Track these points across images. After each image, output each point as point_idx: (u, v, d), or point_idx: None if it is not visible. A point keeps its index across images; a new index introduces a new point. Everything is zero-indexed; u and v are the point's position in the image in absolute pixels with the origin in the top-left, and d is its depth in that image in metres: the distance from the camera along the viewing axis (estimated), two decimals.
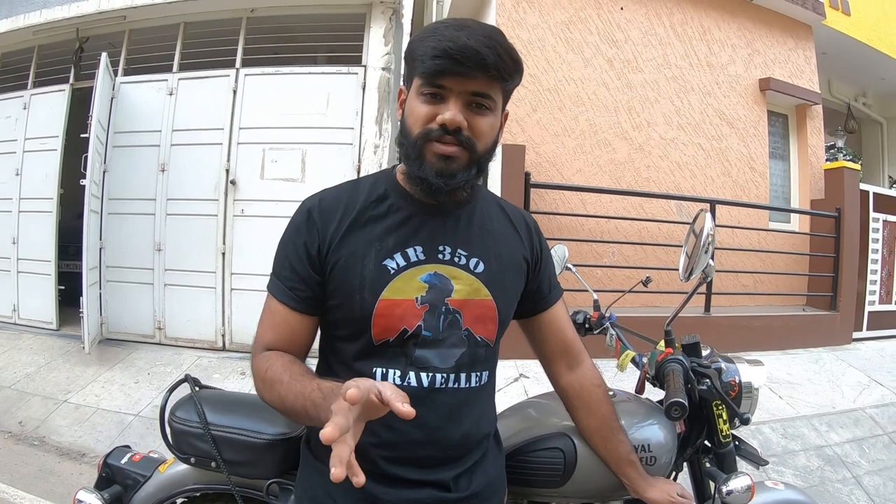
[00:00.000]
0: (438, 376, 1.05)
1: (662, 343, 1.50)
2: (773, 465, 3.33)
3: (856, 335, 5.72)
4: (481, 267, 1.10)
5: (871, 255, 5.98)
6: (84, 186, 4.48)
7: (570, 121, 5.18)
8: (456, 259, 1.08)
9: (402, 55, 1.09)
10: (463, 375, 1.08)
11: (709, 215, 1.41)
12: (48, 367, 4.48)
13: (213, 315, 4.80)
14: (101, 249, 4.91)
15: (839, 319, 5.56)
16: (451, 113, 0.98)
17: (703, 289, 4.96)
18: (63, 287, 5.26)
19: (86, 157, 4.51)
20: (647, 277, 1.64)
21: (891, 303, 6.20)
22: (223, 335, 4.80)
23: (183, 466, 1.50)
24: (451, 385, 1.06)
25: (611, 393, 1.47)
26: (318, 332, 1.15)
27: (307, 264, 1.05)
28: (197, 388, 1.52)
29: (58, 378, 4.32)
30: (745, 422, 1.41)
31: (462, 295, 1.07)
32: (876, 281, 6.07)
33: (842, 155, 6.63)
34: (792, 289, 5.94)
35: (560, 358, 1.27)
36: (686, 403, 1.25)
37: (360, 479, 0.73)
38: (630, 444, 1.25)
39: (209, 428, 1.38)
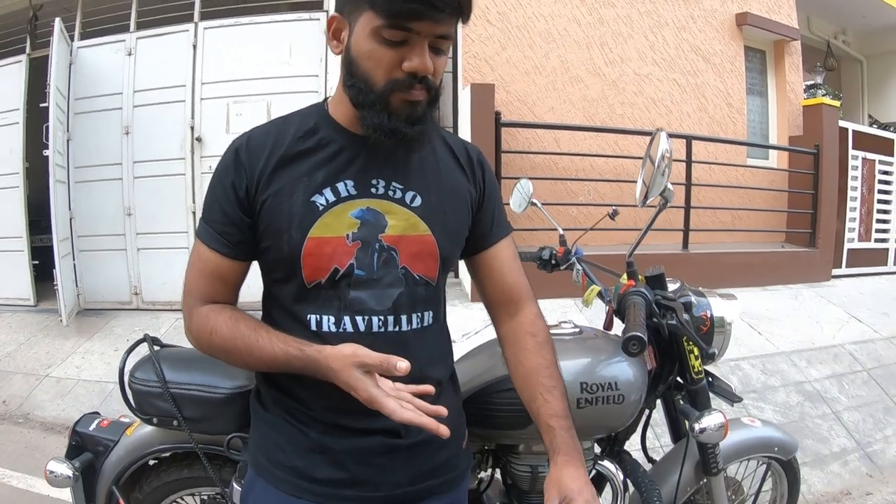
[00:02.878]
0: (375, 319, 1.00)
1: (625, 276, 1.46)
2: (753, 401, 3.37)
3: (835, 272, 5.78)
4: (419, 201, 1.04)
5: (850, 193, 6.01)
6: (48, 157, 4.35)
7: (540, 58, 5.10)
8: (390, 193, 1.02)
9: None
10: (403, 317, 1.03)
11: (664, 134, 1.34)
12: (28, 344, 4.45)
13: None
14: (71, 219, 4.84)
15: (818, 256, 5.61)
16: (421, 61, 0.91)
17: (680, 224, 4.99)
18: (37, 262, 5.18)
19: (47, 127, 4.38)
20: (614, 209, 1.58)
21: (870, 240, 6.26)
22: None
23: (148, 428, 1.49)
24: (390, 328, 1.02)
25: (577, 330, 1.44)
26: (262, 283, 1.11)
27: (237, 206, 0.99)
28: (157, 348, 1.49)
29: (38, 354, 4.30)
30: (711, 357, 1.38)
31: (397, 231, 1.01)
32: (855, 218, 6.11)
33: (821, 92, 6.57)
34: (771, 225, 5.97)
35: (500, 303, 1.17)
36: (644, 337, 1.20)
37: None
38: (557, 408, 1.06)
39: (168, 386, 1.37)
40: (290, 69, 4.61)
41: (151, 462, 1.55)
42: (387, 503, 1.06)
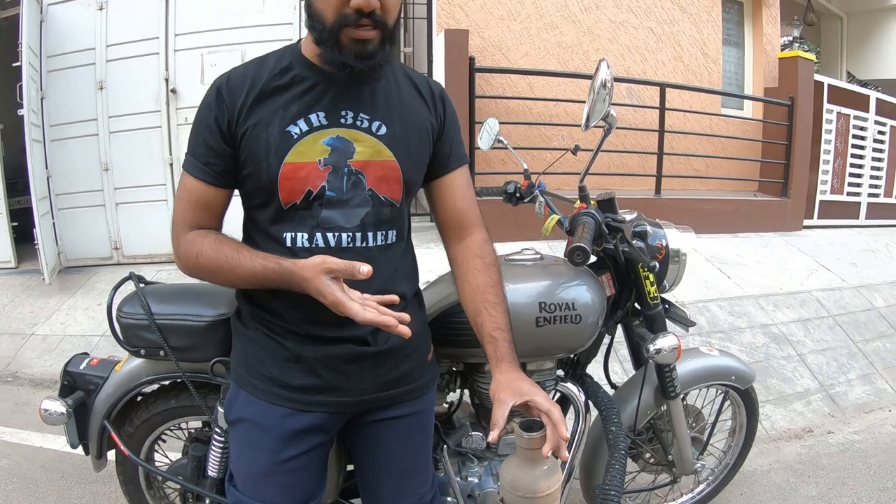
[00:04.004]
0: (344, 235, 1.10)
1: (578, 201, 1.55)
2: (720, 341, 3.48)
3: (807, 223, 5.90)
4: (384, 130, 1.12)
5: (824, 146, 6.08)
6: (22, 117, 4.31)
7: (515, 4, 5.11)
8: (358, 123, 1.10)
9: None
10: (370, 234, 1.12)
11: (604, 64, 1.41)
12: (12, 305, 4.44)
13: (167, 227, 4.70)
14: (48, 178, 4.78)
15: (790, 206, 5.71)
16: None
17: (653, 170, 5.09)
18: (16, 224, 5.13)
19: (20, 87, 4.32)
20: (576, 146, 1.66)
21: (843, 193, 6.35)
22: None
23: (136, 362, 1.56)
24: (358, 244, 1.11)
25: (538, 256, 1.53)
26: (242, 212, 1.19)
27: (220, 138, 1.08)
28: (142, 285, 1.55)
29: (23, 314, 4.31)
30: (652, 269, 1.48)
31: (364, 156, 1.10)
32: (828, 171, 6.19)
33: (797, 45, 6.58)
34: (744, 175, 6.07)
35: (451, 227, 1.27)
36: (588, 249, 1.29)
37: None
38: (500, 321, 1.16)
39: (154, 318, 1.43)
40: (263, 17, 4.56)
41: (139, 399, 1.62)
42: (356, 407, 1.18)
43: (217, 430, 1.44)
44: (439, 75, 4.59)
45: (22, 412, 3.20)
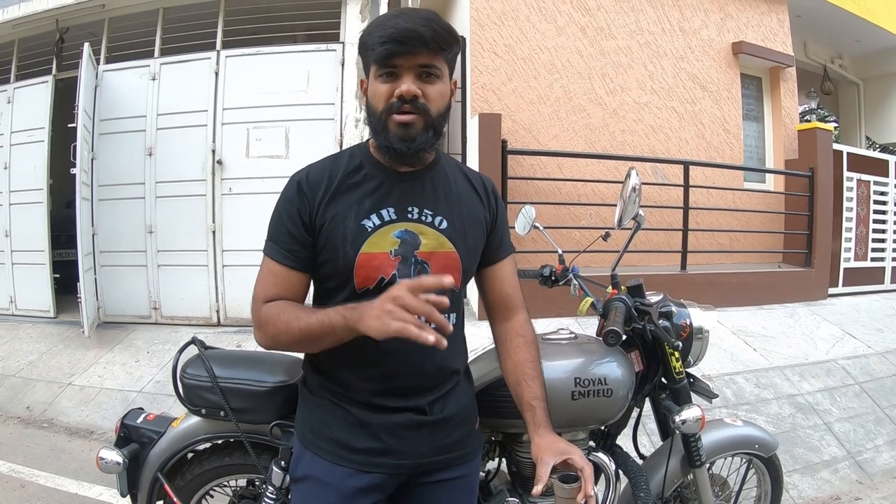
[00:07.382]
0: None
1: (610, 287, 1.68)
2: (746, 412, 3.48)
3: (832, 291, 5.87)
4: (445, 224, 1.27)
5: (845, 214, 6.11)
6: (74, 175, 4.56)
7: (544, 88, 5.32)
8: (423, 218, 1.26)
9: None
10: None
11: (634, 172, 1.62)
12: (50, 354, 4.58)
13: (206, 292, 4.93)
14: (93, 235, 5.00)
15: (814, 275, 5.71)
16: (405, 85, 1.14)
17: (678, 246, 5.18)
18: (57, 275, 5.34)
19: (75, 147, 4.59)
20: (607, 232, 1.80)
21: (866, 259, 6.35)
22: (217, 311, 4.94)
23: (194, 420, 1.66)
24: None
25: (573, 336, 1.65)
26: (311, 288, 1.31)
27: (302, 228, 1.23)
28: (204, 349, 1.67)
29: (60, 363, 4.44)
30: (676, 347, 1.61)
31: (429, 248, 1.25)
32: (851, 238, 6.21)
33: (814, 116, 6.73)
34: (767, 246, 6.09)
35: (497, 308, 1.41)
36: (621, 331, 1.44)
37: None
38: (538, 392, 1.30)
39: (217, 381, 1.55)
40: (307, 97, 4.79)
41: (189, 455, 1.71)
42: (413, 469, 1.29)
43: (270, 487, 1.52)
44: (473, 156, 4.78)
45: (57, 458, 3.29)
